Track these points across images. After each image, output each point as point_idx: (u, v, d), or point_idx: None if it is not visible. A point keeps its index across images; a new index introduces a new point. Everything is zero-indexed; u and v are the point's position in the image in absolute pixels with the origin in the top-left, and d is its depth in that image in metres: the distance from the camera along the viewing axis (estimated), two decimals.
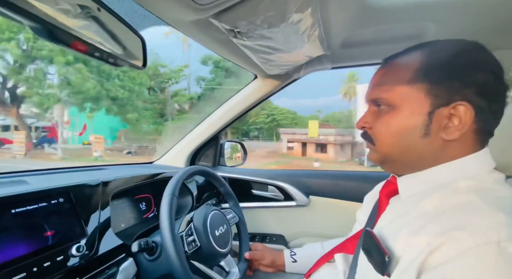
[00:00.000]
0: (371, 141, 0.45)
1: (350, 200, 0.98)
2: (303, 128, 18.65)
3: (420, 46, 0.42)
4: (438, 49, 0.40)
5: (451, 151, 0.39)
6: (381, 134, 0.43)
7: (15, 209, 0.48)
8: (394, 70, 0.42)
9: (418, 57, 0.41)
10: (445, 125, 0.38)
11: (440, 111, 0.38)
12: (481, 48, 0.39)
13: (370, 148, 0.46)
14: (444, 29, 0.67)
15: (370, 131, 0.45)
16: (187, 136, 1.15)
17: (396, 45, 0.53)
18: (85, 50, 0.36)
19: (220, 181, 0.85)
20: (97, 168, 0.89)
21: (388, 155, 0.43)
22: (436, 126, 0.39)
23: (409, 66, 0.40)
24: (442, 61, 0.38)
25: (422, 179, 0.41)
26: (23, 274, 0.44)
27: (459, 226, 0.31)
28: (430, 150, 0.40)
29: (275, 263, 0.76)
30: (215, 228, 0.70)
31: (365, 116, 0.46)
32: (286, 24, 0.53)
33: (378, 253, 0.38)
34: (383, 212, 0.46)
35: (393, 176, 0.48)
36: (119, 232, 0.69)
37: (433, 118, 0.38)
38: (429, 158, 0.40)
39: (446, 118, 0.38)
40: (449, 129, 0.38)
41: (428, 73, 0.39)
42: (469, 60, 0.38)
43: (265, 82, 0.98)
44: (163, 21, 0.52)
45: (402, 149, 0.41)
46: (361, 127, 0.46)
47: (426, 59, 0.40)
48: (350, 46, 0.78)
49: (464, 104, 0.37)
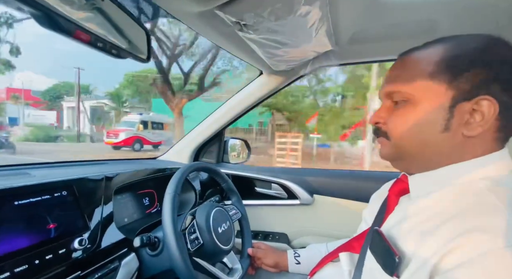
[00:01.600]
0: (386, 137, 0.43)
1: (355, 200, 0.96)
2: None
3: (442, 39, 0.41)
4: (462, 43, 0.39)
5: (470, 148, 0.38)
6: (397, 128, 0.41)
7: (18, 201, 0.47)
8: (413, 63, 0.41)
9: (440, 49, 0.39)
10: (466, 120, 0.37)
11: (462, 105, 0.37)
12: (506, 43, 0.37)
13: (383, 144, 0.45)
14: (457, 26, 0.64)
15: (384, 127, 0.44)
16: (192, 132, 1.14)
17: (406, 42, 0.52)
18: (87, 40, 0.35)
19: (222, 177, 0.84)
20: (101, 162, 0.89)
21: (404, 151, 0.42)
22: (457, 121, 0.37)
23: (431, 58, 0.39)
24: (467, 54, 0.37)
25: (436, 178, 0.40)
26: (25, 266, 0.44)
27: (478, 228, 0.30)
28: (449, 146, 0.38)
29: (278, 264, 0.75)
30: (218, 225, 0.69)
31: (380, 111, 0.44)
32: (293, 17, 0.52)
33: (387, 253, 0.37)
34: (391, 211, 0.45)
35: (403, 175, 0.47)
36: (121, 227, 0.69)
37: (455, 113, 0.37)
38: (447, 155, 0.39)
39: (468, 113, 0.36)
40: (470, 125, 0.37)
41: (451, 65, 0.37)
42: (495, 54, 0.36)
43: (270, 78, 0.96)
44: (167, 13, 0.51)
45: (419, 144, 0.40)
46: (375, 122, 0.45)
47: (449, 52, 0.38)
48: (358, 42, 0.76)
49: (488, 98, 0.35)
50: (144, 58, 0.49)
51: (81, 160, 0.92)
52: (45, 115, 21.14)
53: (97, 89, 24.87)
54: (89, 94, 22.16)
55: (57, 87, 23.98)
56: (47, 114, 21.47)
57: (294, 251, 0.77)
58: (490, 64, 0.36)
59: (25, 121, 18.82)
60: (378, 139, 0.46)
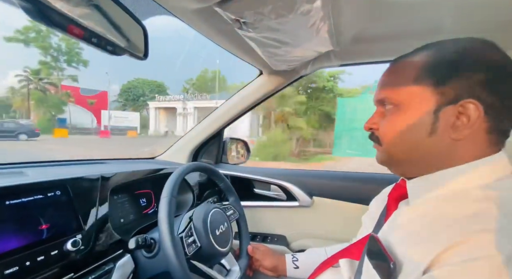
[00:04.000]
0: (378, 142, 0.44)
1: (355, 202, 0.95)
2: None
3: (428, 45, 0.42)
4: (444, 47, 0.40)
5: (462, 151, 0.38)
6: (386, 134, 0.43)
7: (10, 201, 0.46)
8: (400, 69, 0.43)
9: (424, 55, 0.40)
10: (452, 123, 0.37)
11: (447, 109, 0.37)
12: (490, 45, 0.38)
13: (377, 149, 0.46)
14: (461, 25, 0.63)
15: (377, 132, 0.45)
16: (190, 132, 1.13)
17: (410, 42, 0.51)
18: (81, 36, 0.34)
19: (219, 177, 0.83)
20: (97, 162, 0.88)
21: (395, 155, 0.43)
22: (443, 125, 0.38)
23: (415, 64, 0.40)
24: (447, 58, 0.38)
25: (433, 182, 0.39)
26: (15, 268, 0.43)
27: (472, 234, 0.30)
28: (438, 149, 0.39)
29: (276, 268, 0.74)
30: (216, 227, 0.68)
31: (373, 117, 0.46)
32: (294, 15, 0.51)
33: (382, 259, 0.37)
34: (390, 216, 0.44)
35: (402, 179, 0.46)
36: (117, 228, 0.68)
37: (440, 116, 0.38)
38: (438, 158, 0.39)
39: (454, 116, 0.37)
40: (457, 128, 0.37)
41: (433, 70, 0.38)
42: (476, 57, 0.37)
43: (270, 79, 0.95)
44: (165, 10, 0.50)
45: (408, 148, 0.41)
46: (369, 128, 0.46)
47: (431, 57, 0.39)
48: (360, 42, 0.75)
49: (472, 102, 0.36)
50: (141, 56, 0.48)
51: (78, 159, 0.90)
52: (127, 117, 19.44)
53: (169, 88, 23.17)
54: (166, 94, 20.10)
55: (134, 86, 21.78)
56: (129, 116, 19.68)
57: (292, 255, 0.76)
58: (471, 67, 0.37)
59: (110, 123, 17.53)
60: (374, 145, 0.47)
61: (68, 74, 19.06)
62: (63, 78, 19.09)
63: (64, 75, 18.37)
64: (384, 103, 0.43)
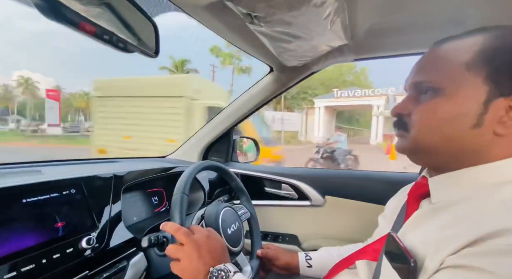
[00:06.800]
0: (405, 129, 0.41)
1: (369, 202, 0.92)
2: None
3: (483, 29, 0.38)
4: (505, 34, 0.35)
5: (498, 148, 0.35)
6: (422, 120, 0.39)
7: (26, 199, 0.47)
8: (448, 52, 0.38)
9: (480, 39, 0.36)
10: (500, 117, 0.34)
11: (498, 102, 0.34)
12: None
13: (400, 136, 0.42)
14: (486, 16, 0.59)
15: (407, 118, 0.41)
16: (201, 130, 1.13)
17: (429, 34, 0.48)
18: (92, 32, 0.34)
19: (231, 176, 0.82)
20: (110, 160, 0.89)
21: (424, 144, 0.39)
22: (491, 117, 0.34)
23: (469, 48, 0.36)
24: (509, 47, 0.34)
25: (459, 180, 0.37)
26: (32, 265, 0.43)
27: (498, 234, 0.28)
28: (476, 144, 0.35)
29: (289, 266, 0.73)
30: (227, 226, 0.67)
31: (404, 102, 0.42)
32: (308, 7, 0.49)
33: (402, 258, 0.35)
34: (410, 215, 0.42)
35: (423, 177, 0.44)
36: (130, 226, 0.68)
37: (489, 108, 0.34)
38: (473, 153, 0.36)
39: (504, 110, 0.34)
40: (504, 123, 0.34)
41: (491, 56, 0.35)
42: None
43: (281, 75, 0.93)
44: (175, 6, 0.49)
45: (442, 138, 0.37)
46: (398, 113, 0.42)
47: (490, 43, 0.35)
48: (375, 35, 0.72)
49: None
50: (152, 53, 0.47)
51: (92, 158, 0.92)
52: (290, 118, 15.89)
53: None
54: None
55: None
56: (291, 117, 16.27)
57: (306, 253, 0.74)
58: None
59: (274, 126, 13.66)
60: (398, 132, 0.43)
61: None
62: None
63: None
64: (421, 88, 0.39)
